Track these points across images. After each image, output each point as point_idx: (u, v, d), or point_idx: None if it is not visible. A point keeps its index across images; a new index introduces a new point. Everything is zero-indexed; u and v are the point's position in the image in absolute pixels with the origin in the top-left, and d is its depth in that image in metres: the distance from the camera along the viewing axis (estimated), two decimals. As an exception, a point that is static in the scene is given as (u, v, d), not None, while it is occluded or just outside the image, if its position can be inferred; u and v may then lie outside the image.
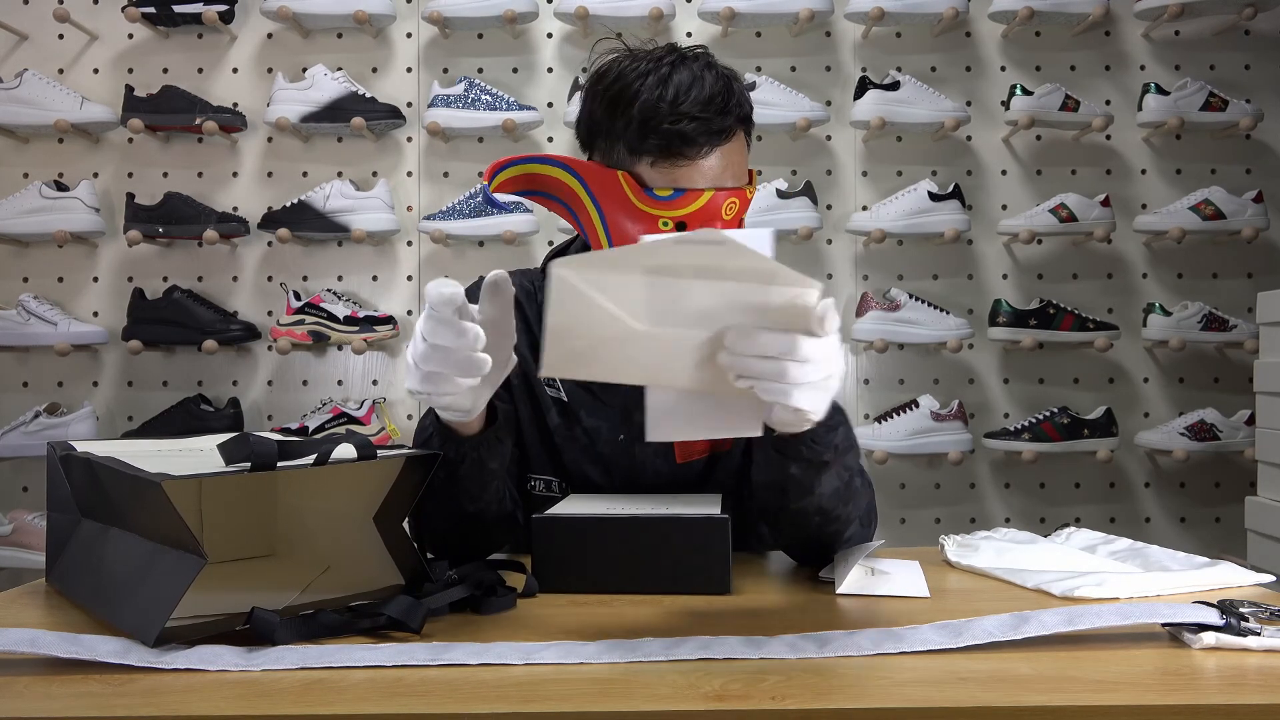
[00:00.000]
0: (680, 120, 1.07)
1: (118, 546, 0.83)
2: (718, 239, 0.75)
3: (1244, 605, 0.76)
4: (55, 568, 0.94)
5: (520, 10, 2.43)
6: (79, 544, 0.90)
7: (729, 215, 1.09)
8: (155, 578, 0.76)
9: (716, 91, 1.10)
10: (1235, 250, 2.56)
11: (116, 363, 2.58)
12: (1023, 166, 2.60)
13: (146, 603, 0.75)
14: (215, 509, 0.91)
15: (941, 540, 1.11)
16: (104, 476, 0.83)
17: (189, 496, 0.89)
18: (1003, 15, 2.47)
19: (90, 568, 0.87)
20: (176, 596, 0.72)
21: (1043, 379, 2.58)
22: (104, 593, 0.83)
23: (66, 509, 0.93)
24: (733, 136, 1.10)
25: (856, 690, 0.64)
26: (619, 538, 0.92)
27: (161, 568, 0.76)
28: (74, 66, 2.60)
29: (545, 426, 1.21)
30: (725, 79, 1.11)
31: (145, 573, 0.77)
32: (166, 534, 0.76)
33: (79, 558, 0.89)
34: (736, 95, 1.12)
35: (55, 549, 0.94)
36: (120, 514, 0.83)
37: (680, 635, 0.74)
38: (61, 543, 0.93)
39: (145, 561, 0.78)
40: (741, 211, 1.11)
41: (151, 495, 0.73)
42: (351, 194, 2.47)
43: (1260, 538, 2.14)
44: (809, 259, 2.58)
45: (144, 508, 0.78)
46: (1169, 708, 0.61)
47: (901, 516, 2.58)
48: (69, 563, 0.91)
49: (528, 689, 0.65)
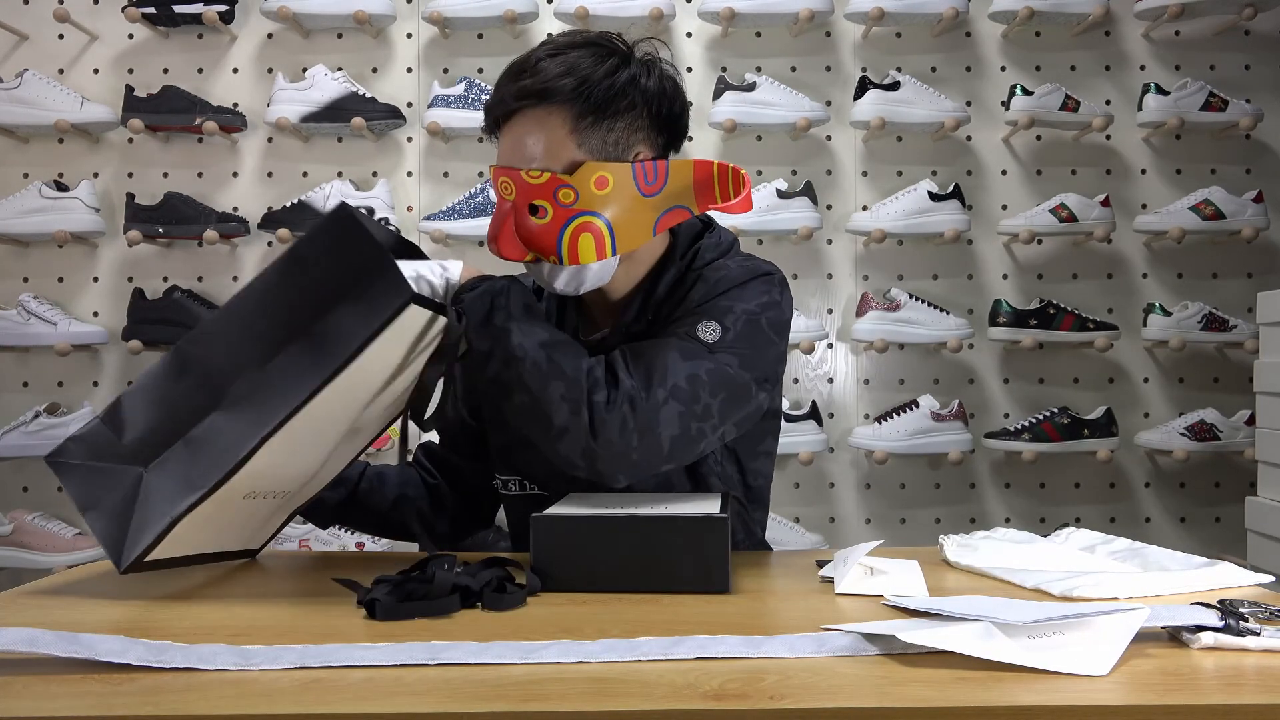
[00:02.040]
0: (493, 94, 1.14)
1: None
2: None
3: (1243, 605, 0.76)
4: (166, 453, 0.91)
5: (520, 10, 2.43)
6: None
7: (508, 194, 1.10)
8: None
9: (519, 62, 1.12)
10: (1235, 250, 2.56)
11: (116, 363, 2.58)
12: (1023, 166, 2.60)
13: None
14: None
15: (941, 540, 1.11)
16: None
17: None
18: (1003, 15, 2.47)
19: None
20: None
21: (1043, 379, 2.58)
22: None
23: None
24: (524, 112, 1.10)
25: (856, 690, 0.64)
26: (618, 537, 0.92)
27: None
28: (74, 66, 2.60)
29: (507, 423, 1.25)
30: (560, 56, 1.11)
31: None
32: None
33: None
34: (538, 67, 1.10)
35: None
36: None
37: (679, 635, 0.74)
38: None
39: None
40: (528, 197, 1.08)
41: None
42: (351, 194, 2.47)
43: (1260, 538, 2.14)
44: (809, 259, 2.58)
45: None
46: (1168, 708, 0.61)
47: (901, 516, 2.58)
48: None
49: (527, 688, 0.65)
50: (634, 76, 1.13)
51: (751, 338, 1.11)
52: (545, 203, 1.08)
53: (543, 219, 1.09)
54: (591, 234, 1.09)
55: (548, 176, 1.08)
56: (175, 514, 0.88)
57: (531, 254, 1.12)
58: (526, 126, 1.10)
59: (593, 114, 1.10)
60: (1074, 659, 0.67)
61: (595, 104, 1.10)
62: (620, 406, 1.02)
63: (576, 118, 1.10)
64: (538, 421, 1.04)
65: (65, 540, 2.41)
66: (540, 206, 1.09)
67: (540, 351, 1.04)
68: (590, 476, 1.05)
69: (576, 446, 1.03)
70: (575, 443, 1.03)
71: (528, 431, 1.07)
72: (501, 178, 1.10)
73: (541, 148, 1.09)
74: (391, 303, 0.89)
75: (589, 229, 1.09)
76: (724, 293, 1.14)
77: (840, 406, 2.59)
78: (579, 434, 1.02)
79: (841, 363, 2.60)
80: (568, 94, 1.09)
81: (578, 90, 1.09)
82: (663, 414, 1.03)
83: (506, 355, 1.04)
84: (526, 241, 1.11)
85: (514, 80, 1.12)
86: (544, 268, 1.14)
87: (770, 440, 1.29)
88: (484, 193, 2.47)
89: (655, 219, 1.11)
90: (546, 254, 1.11)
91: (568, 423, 1.02)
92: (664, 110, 1.16)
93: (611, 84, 1.11)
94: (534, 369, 1.03)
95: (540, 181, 1.08)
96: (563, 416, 1.02)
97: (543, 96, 1.09)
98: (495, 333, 1.05)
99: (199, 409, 0.90)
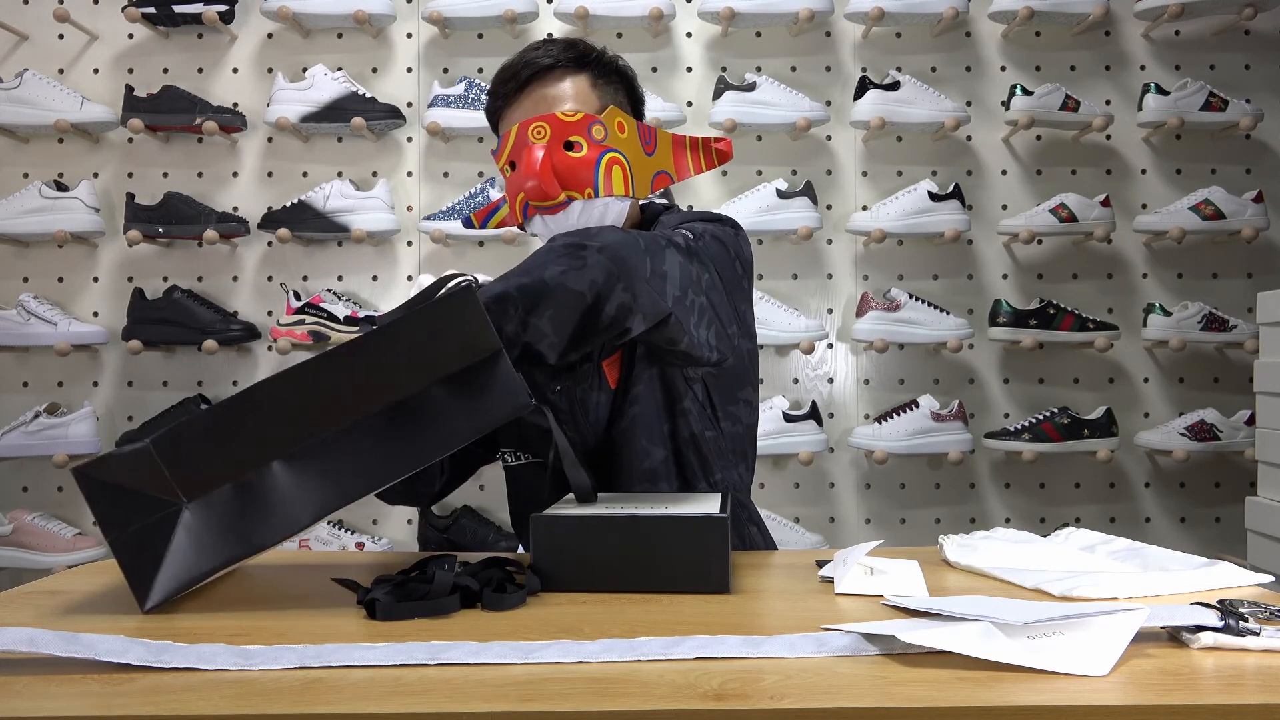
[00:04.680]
0: (502, 72, 1.24)
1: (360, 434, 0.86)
2: None
3: (1243, 605, 0.76)
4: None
5: (520, 10, 2.43)
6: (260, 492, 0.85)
7: (540, 138, 1.17)
8: (473, 382, 0.86)
9: (530, 45, 1.25)
10: (1235, 250, 2.56)
11: (116, 363, 2.58)
12: (1023, 166, 2.60)
13: (490, 397, 0.85)
14: None
15: (941, 540, 1.11)
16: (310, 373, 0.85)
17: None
18: (1003, 15, 2.47)
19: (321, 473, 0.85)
20: (510, 367, 0.87)
21: (1043, 379, 2.58)
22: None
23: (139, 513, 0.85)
24: (548, 73, 1.22)
25: (855, 690, 0.64)
26: (618, 537, 0.92)
27: (473, 373, 0.85)
28: (74, 66, 2.60)
29: None
30: (567, 40, 1.26)
31: (456, 393, 0.87)
32: (461, 350, 0.86)
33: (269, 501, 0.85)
34: (559, 41, 1.24)
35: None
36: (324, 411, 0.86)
37: (679, 634, 0.74)
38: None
39: (444, 393, 0.87)
40: (564, 134, 1.17)
41: (453, 311, 0.85)
42: (351, 194, 2.47)
43: (1260, 538, 2.14)
44: (809, 259, 2.58)
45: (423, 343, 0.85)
46: (1168, 708, 0.61)
47: (901, 516, 2.58)
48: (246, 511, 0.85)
49: (527, 688, 0.64)
50: (616, 57, 1.30)
51: (710, 248, 1.19)
52: (580, 138, 1.17)
53: (579, 153, 1.18)
54: (621, 168, 1.20)
55: (582, 114, 1.18)
56: (216, 565, 0.84)
57: (564, 194, 1.18)
58: (554, 82, 1.22)
59: (603, 79, 1.25)
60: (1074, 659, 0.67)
61: (603, 72, 1.25)
62: (605, 249, 0.99)
63: (593, 78, 1.24)
64: (571, 307, 0.98)
65: (65, 540, 2.41)
66: (575, 142, 1.18)
67: (505, 282, 0.97)
68: (646, 322, 1.01)
69: (616, 300, 0.99)
70: (615, 296, 0.99)
71: (565, 333, 0.99)
72: (535, 123, 1.17)
73: (571, 94, 1.22)
74: (507, 409, 0.86)
75: (618, 163, 1.19)
76: (680, 225, 1.22)
77: (840, 406, 2.59)
78: (610, 284, 0.98)
79: (841, 363, 2.60)
80: (588, 59, 1.24)
81: (593, 57, 1.25)
82: (637, 241, 1.03)
83: (501, 300, 0.96)
84: (564, 176, 1.17)
85: (535, 49, 1.24)
86: (572, 209, 1.19)
87: (750, 390, 1.33)
88: (484, 193, 2.47)
89: (651, 177, 1.24)
90: (582, 187, 1.18)
91: (592, 278, 0.97)
92: (636, 94, 1.31)
93: (611, 59, 1.28)
94: (523, 291, 0.96)
95: (575, 119, 1.18)
96: (579, 282, 0.97)
97: (570, 59, 1.23)
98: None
99: (259, 453, 0.85)
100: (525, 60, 1.23)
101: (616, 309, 1.00)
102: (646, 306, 1.02)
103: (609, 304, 1.00)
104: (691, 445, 1.27)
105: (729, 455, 1.31)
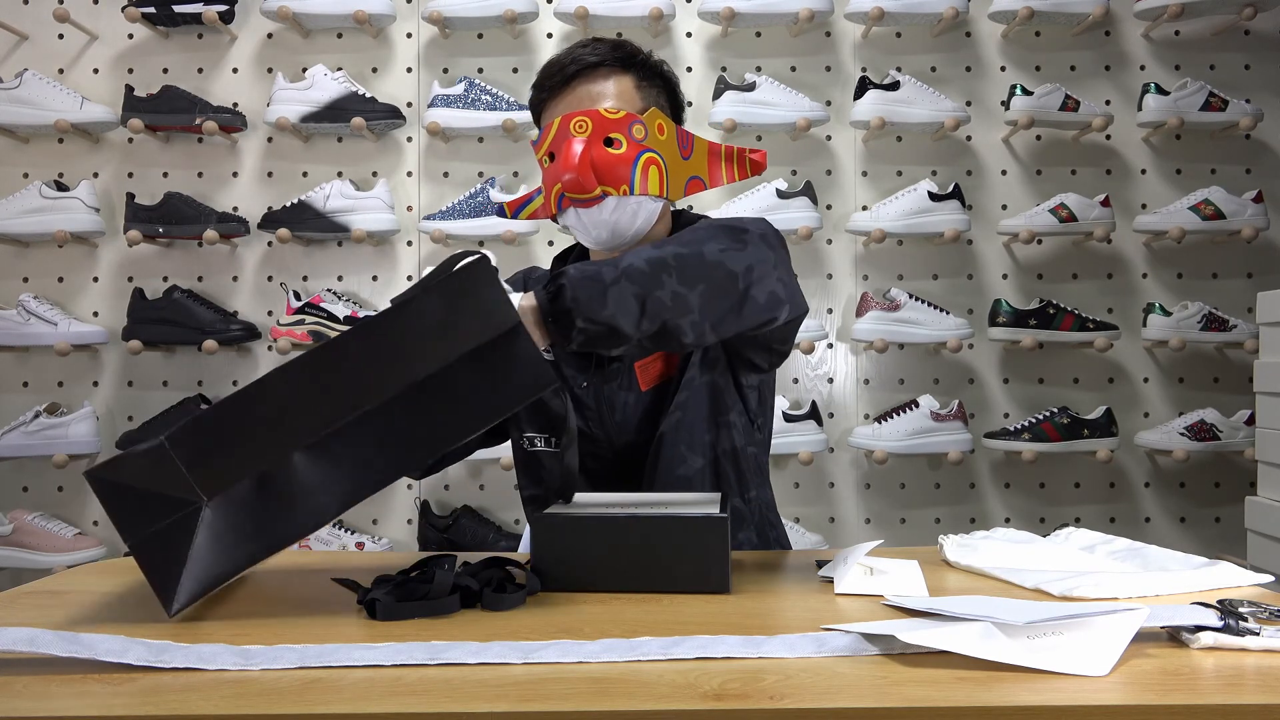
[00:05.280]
0: (549, 66, 1.25)
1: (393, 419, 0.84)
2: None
3: (1243, 605, 0.76)
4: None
5: (520, 10, 2.43)
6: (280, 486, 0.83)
7: (581, 132, 1.18)
8: (496, 365, 0.83)
9: (579, 43, 1.26)
10: (1235, 250, 2.56)
11: (116, 363, 2.58)
12: (1023, 166, 2.60)
13: (510, 378, 0.84)
14: None
15: (941, 540, 1.11)
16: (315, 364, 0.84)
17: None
18: (1003, 15, 2.47)
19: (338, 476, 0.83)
20: (533, 349, 0.85)
21: (1043, 379, 2.58)
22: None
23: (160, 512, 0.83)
24: (595, 70, 1.23)
25: (855, 690, 0.64)
26: (618, 537, 0.92)
27: (494, 349, 0.84)
28: (74, 66, 2.60)
29: None
30: (615, 40, 1.27)
31: (478, 371, 0.84)
32: (478, 326, 0.83)
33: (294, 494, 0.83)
34: (608, 41, 1.25)
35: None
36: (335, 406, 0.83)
37: (679, 634, 0.74)
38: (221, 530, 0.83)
39: (466, 369, 0.84)
40: (604, 130, 1.18)
41: (466, 285, 0.84)
42: (351, 194, 2.47)
43: (1260, 538, 2.14)
44: (809, 259, 2.58)
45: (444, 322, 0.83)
46: (1168, 708, 0.61)
47: (901, 516, 2.58)
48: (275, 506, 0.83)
49: (527, 688, 0.65)
50: (661, 62, 1.31)
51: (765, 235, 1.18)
52: (620, 135, 1.19)
53: (618, 149, 1.19)
54: (657, 168, 1.21)
55: (624, 113, 1.20)
56: (241, 564, 0.82)
57: (600, 188, 1.19)
58: (599, 80, 1.23)
59: (647, 81, 1.26)
60: (1074, 659, 0.67)
61: (648, 74, 1.27)
62: (765, 237, 1.10)
63: (638, 79, 1.26)
64: (723, 286, 1.02)
65: (65, 540, 2.41)
66: (615, 139, 1.19)
67: (661, 249, 1.02)
68: (790, 314, 1.08)
69: (768, 287, 1.03)
70: (768, 283, 1.04)
71: (698, 315, 1.01)
72: (578, 117, 1.19)
73: (615, 92, 1.23)
74: (529, 388, 0.84)
75: (655, 163, 1.21)
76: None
77: (840, 406, 2.59)
78: (763, 270, 1.04)
79: (841, 363, 2.60)
80: (633, 60, 1.26)
81: (639, 59, 1.26)
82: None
83: (641, 274, 0.98)
84: (601, 171, 1.19)
85: (583, 47, 1.25)
86: (606, 204, 1.20)
87: (772, 398, 1.38)
88: (484, 193, 2.47)
89: (685, 181, 1.25)
90: (618, 183, 1.19)
91: (747, 262, 1.03)
92: (677, 99, 1.32)
93: (657, 63, 1.29)
94: (679, 260, 1.00)
95: (617, 117, 1.19)
96: (737, 263, 1.03)
97: (617, 59, 1.24)
98: (611, 275, 0.98)
99: (279, 445, 0.83)
100: (574, 56, 1.24)
101: (768, 297, 1.05)
102: (795, 300, 1.10)
103: (760, 291, 1.03)
104: (731, 458, 1.28)
105: (762, 473, 1.34)
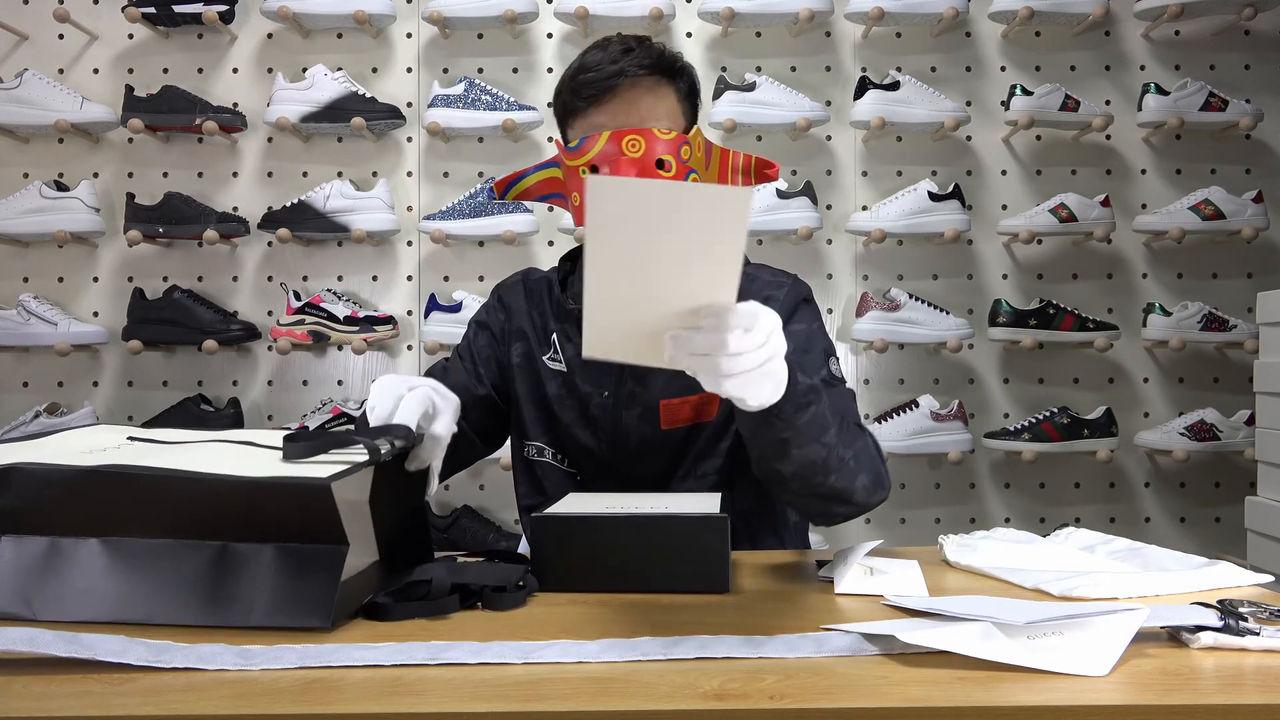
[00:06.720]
0: (589, 70, 1.21)
1: (193, 555, 0.82)
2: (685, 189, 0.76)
3: (1243, 605, 0.76)
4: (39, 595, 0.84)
5: (520, 10, 2.43)
6: (86, 566, 0.83)
7: (634, 152, 1.16)
8: (299, 571, 0.80)
9: (629, 46, 1.22)
10: (1235, 250, 2.56)
11: (116, 363, 2.58)
12: (1023, 166, 2.60)
13: (299, 596, 0.79)
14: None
15: (941, 540, 1.11)
16: (175, 487, 0.81)
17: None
18: (1003, 15, 2.47)
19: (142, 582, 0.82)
20: (336, 583, 0.79)
21: (1043, 379, 2.58)
22: (197, 599, 0.81)
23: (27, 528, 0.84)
24: (641, 81, 1.20)
25: (855, 690, 0.64)
26: (618, 537, 0.92)
27: (302, 560, 0.81)
28: (74, 66, 2.60)
29: (544, 397, 1.31)
30: (650, 42, 1.23)
31: (278, 570, 0.81)
32: (303, 531, 0.80)
33: (94, 579, 0.83)
34: (650, 47, 1.22)
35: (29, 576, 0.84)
36: (179, 523, 0.82)
37: (679, 634, 0.74)
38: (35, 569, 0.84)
39: (270, 561, 0.81)
40: (657, 152, 1.17)
41: (304, 498, 0.78)
42: (351, 194, 2.47)
43: (1260, 538, 2.14)
44: (809, 259, 2.58)
45: (271, 512, 0.80)
46: (1167, 708, 0.61)
47: (901, 516, 2.58)
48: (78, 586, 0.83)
49: (527, 688, 0.65)
50: (692, 68, 1.29)
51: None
52: (670, 157, 1.18)
53: (668, 172, 1.18)
54: None
55: (675, 134, 1.19)
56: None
57: None
58: (644, 91, 1.21)
59: (685, 90, 1.26)
60: (1074, 659, 0.68)
61: (686, 85, 1.26)
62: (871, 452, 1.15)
63: (680, 93, 1.25)
64: (834, 496, 1.07)
65: (65, 540, 2.40)
66: (666, 161, 1.18)
67: (840, 429, 1.05)
68: (854, 511, 1.11)
69: (853, 490, 1.08)
70: (872, 501, 1.12)
71: (798, 479, 1.04)
72: (631, 136, 1.17)
73: (663, 110, 1.22)
74: (303, 615, 0.80)
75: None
76: (794, 316, 1.27)
77: (840, 406, 2.59)
78: (868, 486, 1.10)
79: (841, 363, 2.60)
80: (675, 69, 1.24)
81: (679, 66, 1.25)
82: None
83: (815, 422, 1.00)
84: None
85: (627, 54, 1.21)
86: None
87: None
88: (483, 193, 2.47)
89: None
90: None
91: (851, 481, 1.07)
92: (698, 105, 1.31)
93: (691, 72, 1.28)
94: (836, 460, 1.04)
95: (669, 138, 1.18)
96: (859, 479, 1.08)
97: (663, 69, 1.22)
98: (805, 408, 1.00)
99: (85, 522, 0.83)
100: (620, 67, 1.19)
101: (863, 498, 1.09)
102: (869, 507, 1.13)
103: (859, 500, 1.09)
104: (741, 516, 1.28)
105: (775, 522, 1.34)
